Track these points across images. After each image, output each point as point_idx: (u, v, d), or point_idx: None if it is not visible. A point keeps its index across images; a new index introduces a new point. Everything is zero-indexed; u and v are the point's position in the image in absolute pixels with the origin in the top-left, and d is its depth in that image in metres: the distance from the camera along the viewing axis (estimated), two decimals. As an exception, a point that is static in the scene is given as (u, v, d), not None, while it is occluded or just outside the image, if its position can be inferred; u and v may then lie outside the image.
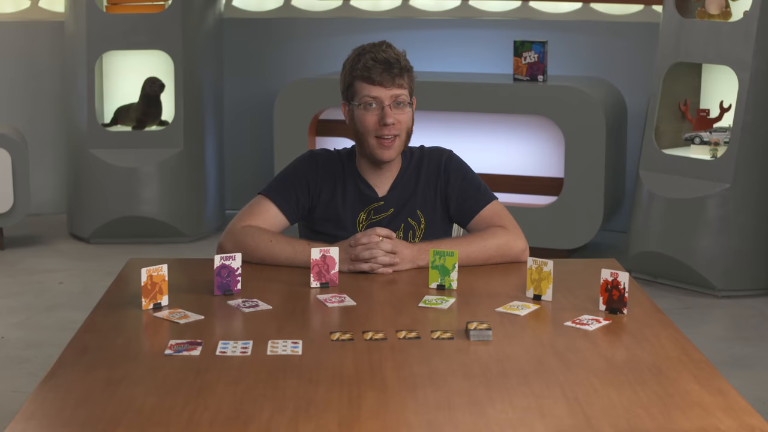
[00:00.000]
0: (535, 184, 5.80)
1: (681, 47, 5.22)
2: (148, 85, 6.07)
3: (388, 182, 3.05)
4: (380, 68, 2.92)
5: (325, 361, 2.22)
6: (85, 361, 2.22)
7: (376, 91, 2.93)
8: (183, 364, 2.20)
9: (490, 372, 2.16)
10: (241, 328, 2.47)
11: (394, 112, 2.94)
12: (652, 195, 5.26)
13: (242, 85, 6.78)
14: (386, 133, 2.93)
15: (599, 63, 6.26)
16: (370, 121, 2.94)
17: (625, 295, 2.52)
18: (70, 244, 6.19)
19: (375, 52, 2.94)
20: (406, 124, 2.98)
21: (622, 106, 5.92)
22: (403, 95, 2.95)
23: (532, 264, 2.64)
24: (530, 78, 5.70)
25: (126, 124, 6.15)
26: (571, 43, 6.27)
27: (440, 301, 2.62)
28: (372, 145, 2.96)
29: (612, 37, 6.24)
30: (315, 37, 6.65)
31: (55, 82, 6.63)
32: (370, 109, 2.95)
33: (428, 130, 5.82)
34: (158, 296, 2.56)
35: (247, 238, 2.91)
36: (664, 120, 5.36)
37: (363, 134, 2.97)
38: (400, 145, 2.98)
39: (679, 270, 5.21)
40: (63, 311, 5.00)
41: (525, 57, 5.71)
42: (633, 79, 6.16)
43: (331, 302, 2.62)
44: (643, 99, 5.81)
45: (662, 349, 2.30)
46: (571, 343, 2.33)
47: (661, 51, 5.31)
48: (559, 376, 2.14)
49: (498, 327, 2.43)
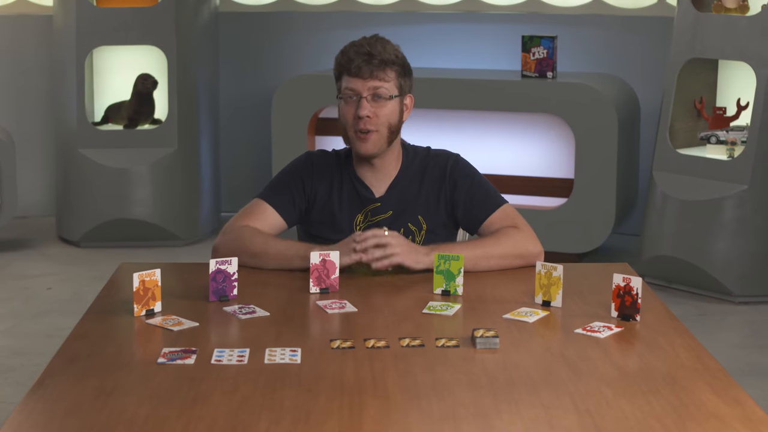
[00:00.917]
0: (544, 185, 5.80)
1: (696, 42, 5.22)
2: (141, 82, 6.07)
3: (386, 182, 3.06)
4: (360, 60, 2.95)
5: (324, 370, 2.22)
6: (75, 370, 2.22)
7: (353, 83, 2.96)
8: (177, 374, 2.20)
9: (497, 381, 2.16)
10: (237, 335, 2.47)
11: (372, 105, 2.95)
12: (666, 196, 5.26)
13: (238, 81, 6.79)
14: (361, 126, 2.95)
15: (611, 59, 6.26)
16: (348, 114, 2.98)
17: (638, 301, 2.52)
18: (59, 247, 6.19)
19: (360, 45, 2.97)
20: (387, 119, 2.97)
21: (634, 104, 5.92)
22: (382, 88, 2.96)
23: (541, 269, 2.64)
24: (539, 75, 5.70)
25: (117, 123, 6.15)
26: (581, 38, 6.27)
27: (445, 308, 2.62)
28: (352, 138, 2.99)
29: (624, 32, 6.24)
30: (314, 32, 6.66)
31: (44, 79, 6.63)
32: (349, 102, 2.98)
33: (432, 129, 5.83)
34: (151, 302, 2.57)
35: (243, 236, 2.93)
36: (678, 118, 5.36)
37: (344, 128, 3.00)
38: (379, 140, 2.98)
39: (695, 275, 5.21)
40: (51, 318, 5.00)
41: (533, 53, 5.71)
42: (646, 75, 6.16)
43: (332, 308, 2.62)
44: (656, 96, 5.81)
45: (677, 357, 2.30)
46: (581, 352, 2.33)
47: (676, 46, 5.31)
48: (569, 385, 2.14)
49: (505, 334, 2.43)
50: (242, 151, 6.84)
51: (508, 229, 2.97)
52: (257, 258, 2.91)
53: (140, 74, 6.09)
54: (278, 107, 6.02)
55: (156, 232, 6.13)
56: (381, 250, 2.83)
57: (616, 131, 5.48)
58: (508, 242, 2.93)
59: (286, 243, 2.92)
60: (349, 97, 2.97)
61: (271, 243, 2.92)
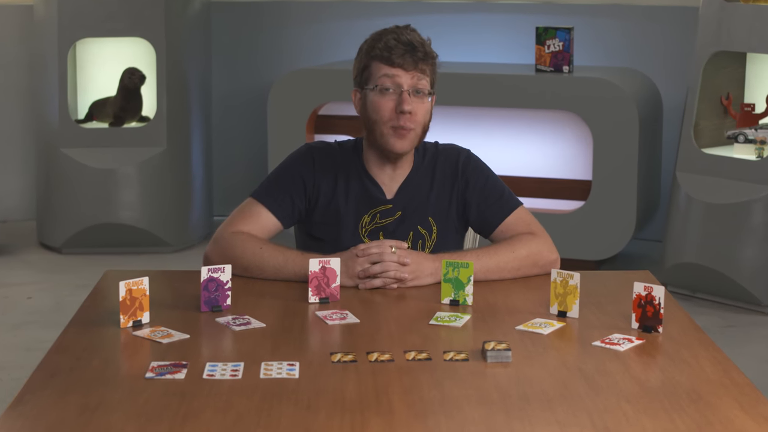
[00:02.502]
0: (560, 187, 5.80)
1: (723, 34, 5.22)
2: (127, 76, 6.08)
3: (398, 182, 3.03)
4: (402, 49, 2.90)
5: (324, 385, 2.22)
6: (57, 386, 2.23)
7: (395, 73, 2.90)
8: (166, 389, 2.20)
9: (510, 398, 2.16)
10: (231, 348, 2.48)
11: (413, 100, 2.91)
12: (691, 199, 5.26)
13: (232, 76, 6.80)
14: (402, 123, 2.89)
15: (631, 52, 6.26)
16: (385, 107, 2.91)
17: (660, 312, 2.52)
18: (40, 254, 6.20)
19: (399, 33, 2.92)
20: (423, 118, 2.94)
21: (657, 100, 5.93)
22: (423, 83, 2.92)
23: (557, 277, 2.64)
24: (554, 69, 5.71)
25: (102, 121, 6.16)
26: (600, 30, 6.28)
27: (454, 318, 2.62)
28: (385, 134, 2.92)
29: (646, 23, 6.25)
30: (314, 22, 6.66)
31: (23, 73, 6.64)
32: (386, 94, 2.91)
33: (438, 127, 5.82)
34: (138, 313, 2.57)
35: (234, 245, 2.90)
36: (704, 116, 5.36)
37: (376, 122, 2.92)
38: (414, 139, 2.94)
39: (721, 283, 5.21)
40: (31, 329, 5.00)
41: (548, 45, 5.71)
42: (669, 69, 6.16)
43: (332, 319, 2.62)
44: (680, 92, 5.81)
45: (702, 371, 2.30)
46: (599, 365, 2.33)
47: (701, 38, 5.31)
48: (586, 401, 2.14)
49: (518, 347, 2.43)
50: (236, 151, 6.85)
51: (524, 235, 2.96)
52: (250, 271, 2.89)
53: (127, 68, 6.10)
54: (275, 104, 6.03)
55: (144, 237, 6.13)
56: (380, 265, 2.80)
57: (636, 129, 5.48)
58: (523, 251, 2.92)
59: (283, 255, 2.87)
60: (386, 89, 2.91)
61: (266, 256, 2.87)
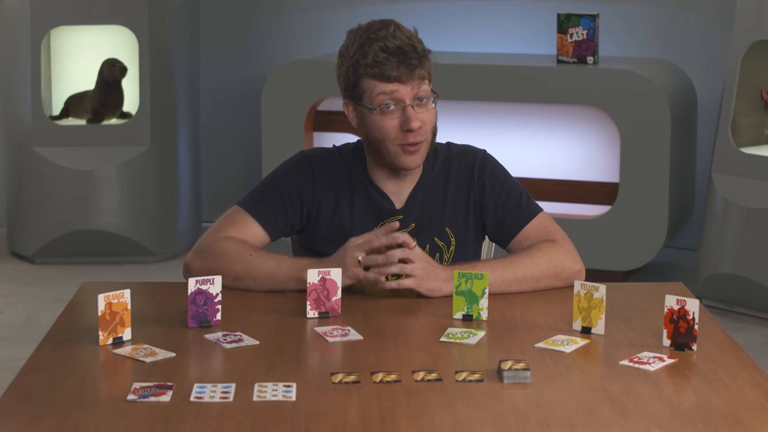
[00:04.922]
0: (584, 190, 5.81)
1: (764, 22, 5.22)
2: (107, 68, 6.09)
3: (407, 190, 3.02)
4: (395, 60, 2.85)
5: (324, 408, 2.22)
6: (30, 409, 2.23)
7: (393, 89, 2.87)
8: (150, 412, 2.20)
9: (528, 422, 2.17)
10: (221, 368, 2.48)
11: (418, 111, 2.89)
12: (728, 204, 5.26)
13: (222, 68, 6.81)
14: (411, 139, 2.88)
15: (663, 41, 6.27)
16: (390, 127, 2.88)
17: (694, 328, 2.53)
18: (11, 264, 6.20)
19: (384, 40, 2.86)
20: (431, 124, 2.92)
21: (690, 95, 5.93)
22: (425, 88, 2.90)
23: (581, 289, 2.64)
24: (577, 60, 5.71)
25: (79, 117, 6.17)
26: (627, 17, 6.28)
27: (467, 335, 2.63)
28: (393, 152, 2.90)
29: (678, 9, 6.25)
30: (311, 10, 6.67)
31: (-7, 65, 6.66)
32: (387, 112, 2.88)
33: (449, 124, 5.84)
34: (119, 329, 2.57)
35: (220, 255, 2.89)
36: (742, 112, 5.37)
37: (382, 141, 2.91)
38: (426, 149, 2.93)
39: (762, 296, 5.21)
40: (1, 347, 5.00)
41: (571, 34, 5.72)
42: (704, 61, 6.16)
43: (332, 336, 2.63)
44: (716, 86, 5.82)
45: (740, 393, 2.31)
46: (627, 387, 2.33)
47: (739, 27, 5.31)
48: (613, 426, 2.14)
49: (538, 366, 2.43)
50: (227, 151, 6.86)
51: (544, 244, 2.96)
52: (241, 281, 2.89)
53: (106, 59, 6.11)
54: (269, 98, 6.03)
55: (125, 245, 6.14)
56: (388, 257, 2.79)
57: (668, 126, 5.49)
58: (543, 261, 2.92)
59: (276, 259, 2.88)
60: (387, 107, 2.88)
61: (257, 263, 2.87)
